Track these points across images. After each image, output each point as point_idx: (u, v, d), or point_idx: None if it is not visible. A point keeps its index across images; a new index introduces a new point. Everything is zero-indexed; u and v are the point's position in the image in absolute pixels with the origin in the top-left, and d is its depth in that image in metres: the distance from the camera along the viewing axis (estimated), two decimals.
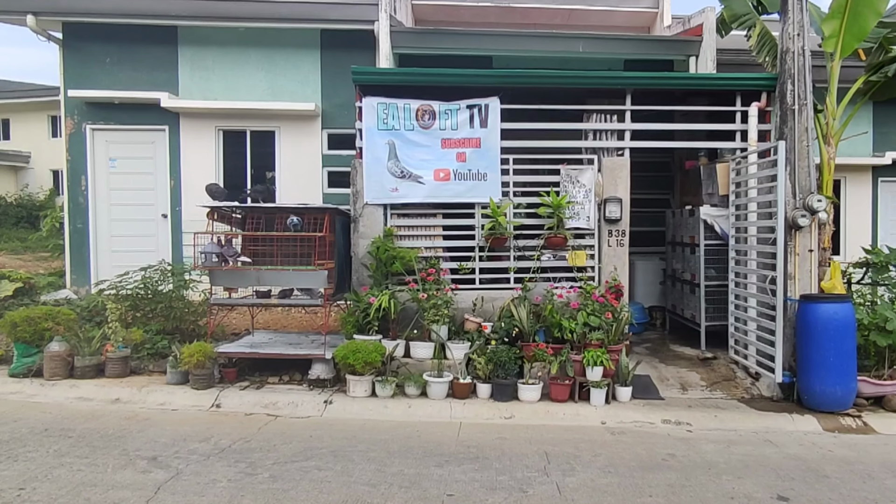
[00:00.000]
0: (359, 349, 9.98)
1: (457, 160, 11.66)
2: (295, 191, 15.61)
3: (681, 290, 14.26)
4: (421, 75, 11.86)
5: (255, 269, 10.95)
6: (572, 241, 11.76)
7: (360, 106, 11.69)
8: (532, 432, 8.87)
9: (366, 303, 10.85)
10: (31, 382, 10.56)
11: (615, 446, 8.40)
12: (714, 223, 12.62)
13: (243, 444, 8.14)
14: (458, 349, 10.63)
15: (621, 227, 11.82)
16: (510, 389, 10.06)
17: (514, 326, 10.84)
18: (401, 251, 11.34)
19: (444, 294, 11.01)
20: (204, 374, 10.28)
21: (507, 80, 11.86)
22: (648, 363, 12.22)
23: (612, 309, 10.79)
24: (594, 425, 9.33)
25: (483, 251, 11.72)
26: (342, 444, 8.18)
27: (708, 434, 9.07)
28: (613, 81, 12.16)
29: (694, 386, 11.14)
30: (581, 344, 10.44)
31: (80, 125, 15.66)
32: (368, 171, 11.63)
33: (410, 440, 8.42)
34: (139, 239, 15.74)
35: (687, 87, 12.60)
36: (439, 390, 10.07)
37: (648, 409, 9.88)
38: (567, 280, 11.72)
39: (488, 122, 11.66)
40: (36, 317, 11.15)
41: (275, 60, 15.70)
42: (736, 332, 11.93)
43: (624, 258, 11.87)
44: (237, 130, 15.80)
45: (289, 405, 9.74)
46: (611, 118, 11.98)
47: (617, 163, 11.91)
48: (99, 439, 8.18)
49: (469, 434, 8.73)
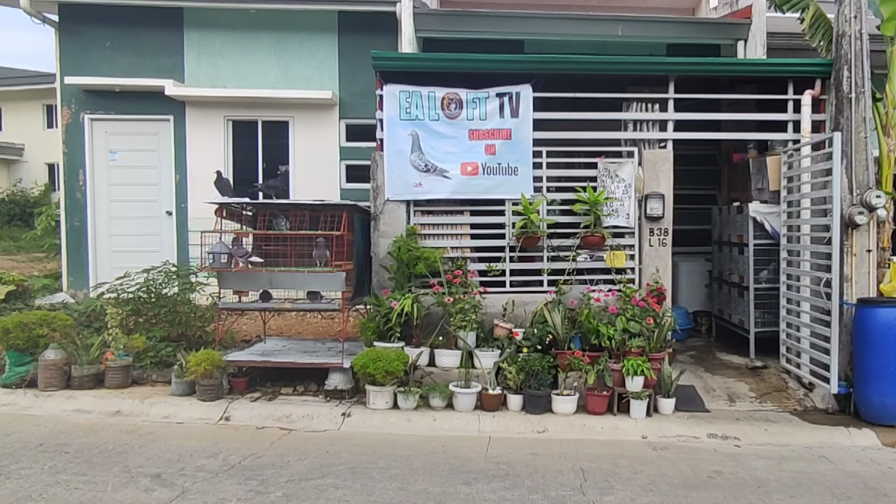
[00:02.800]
0: (379, 357, 9.98)
1: (485, 153, 11.67)
2: (310, 186, 15.59)
3: (728, 293, 14.22)
4: (447, 61, 11.91)
5: (267, 270, 10.95)
6: (610, 241, 11.72)
7: (381, 94, 11.71)
8: (567, 447, 8.88)
9: (387, 307, 10.86)
10: (24, 393, 10.56)
11: (657, 462, 8.40)
12: (764, 221, 12.58)
13: (254, 460, 8.16)
14: (487, 357, 10.64)
15: (663, 226, 11.80)
16: (543, 401, 10.06)
17: (547, 333, 10.78)
18: (425, 251, 11.35)
19: (471, 298, 11.00)
20: (212, 384, 10.29)
21: (541, 65, 11.84)
22: (693, 372, 12.19)
23: (654, 314, 10.81)
24: (634, 440, 9.34)
25: (514, 251, 11.74)
26: (361, 460, 8.20)
27: (757, 449, 9.05)
28: (655, 67, 12.17)
29: (742, 397, 11.13)
30: (620, 352, 10.44)
31: (78, 115, 15.76)
32: (390, 164, 11.66)
33: (435, 456, 8.44)
34: (141, 238, 15.83)
35: (735, 73, 12.58)
36: (466, 402, 10.07)
37: (693, 422, 9.87)
38: (605, 282, 11.69)
39: (520, 112, 11.67)
40: (30, 322, 11.12)
41: (288, 45, 15.75)
42: (788, 339, 11.90)
43: (666, 259, 11.84)
44: (248, 121, 15.89)
45: (303, 418, 9.76)
46: (652, 107, 11.95)
47: (659, 155, 11.88)
48: (98, 455, 8.21)
49: (499, 449, 8.74)
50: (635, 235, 11.86)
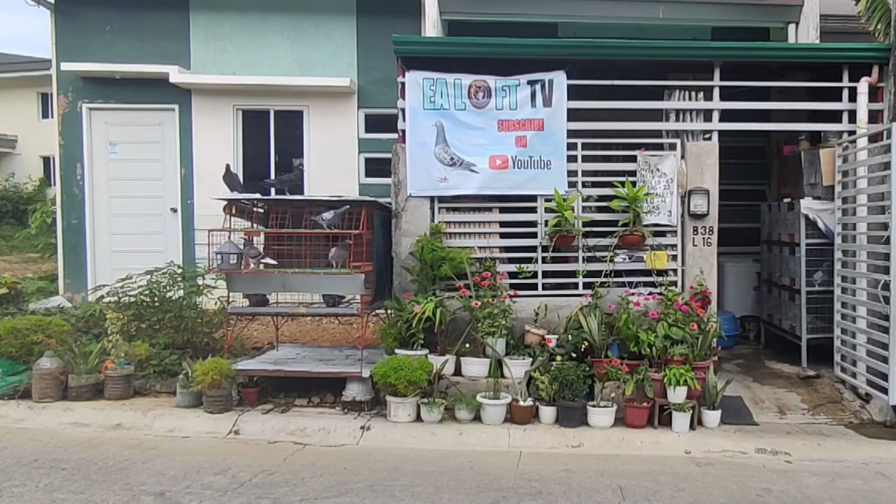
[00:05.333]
0: (401, 366, 9.97)
1: (516, 145, 11.69)
2: (326, 180, 15.56)
3: (778, 296, 14.19)
4: (474, 45, 11.94)
5: (280, 272, 10.94)
6: (651, 240, 11.70)
7: (403, 81, 11.74)
8: (604, 463, 8.89)
9: (409, 312, 10.84)
10: (17, 405, 10.56)
11: (701, 480, 8.41)
12: (817, 218, 12.52)
13: (266, 477, 8.19)
14: (518, 366, 10.62)
15: (708, 224, 11.78)
16: (578, 413, 10.06)
17: (582, 339, 10.78)
18: (450, 251, 11.33)
19: (500, 302, 10.99)
20: (220, 395, 10.29)
21: (576, 50, 11.84)
22: (740, 382, 12.17)
23: (698, 319, 10.78)
24: (677, 455, 9.34)
25: (547, 251, 11.75)
26: (382, 478, 8.22)
27: (810, 465, 9.04)
28: (699, 53, 12.17)
29: (793, 409, 11.12)
30: (661, 360, 10.43)
31: (76, 104, 15.87)
32: (413, 157, 11.68)
33: (462, 472, 8.46)
34: (144, 237, 15.93)
35: (785, 59, 12.55)
36: (495, 414, 10.07)
37: (740, 436, 9.88)
38: (645, 285, 11.69)
39: (553, 101, 11.66)
40: (23, 328, 11.18)
41: (303, 28, 15.80)
42: (843, 347, 11.82)
43: (711, 260, 11.82)
44: (259, 110, 15.98)
45: (319, 432, 9.79)
46: (696, 96, 11.92)
47: (703, 148, 11.87)
48: (97, 472, 8.23)
49: (530, 465, 8.76)
50: (678, 234, 11.87)
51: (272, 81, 15.39)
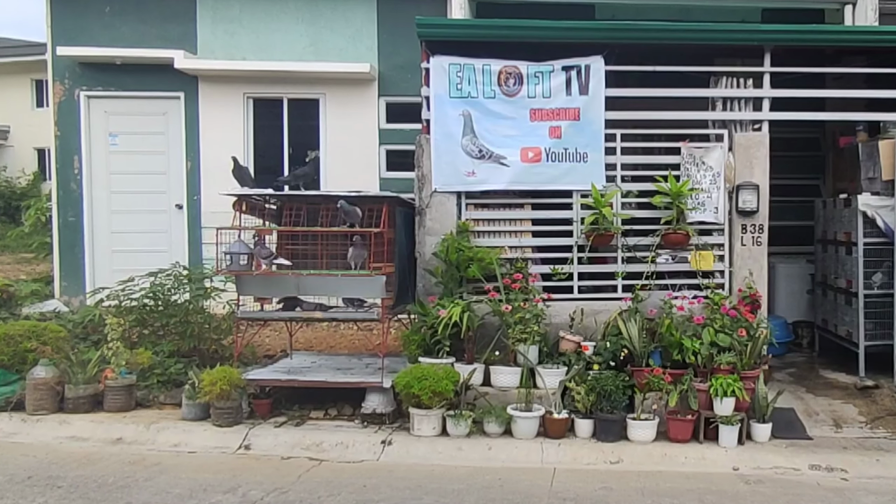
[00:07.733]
0: (425, 375, 9.95)
1: (549, 136, 11.66)
2: (344, 174, 15.55)
3: (833, 300, 14.13)
4: (505, 28, 11.92)
5: (294, 274, 10.94)
6: (696, 239, 11.68)
7: (428, 67, 11.74)
8: (645, 481, 8.90)
9: (434, 317, 10.81)
10: (10, 417, 10.53)
11: (750, 499, 8.41)
12: (876, 216, 12.47)
13: (279, 495, 8.21)
14: (552, 376, 10.59)
15: (758, 222, 11.76)
16: (617, 426, 10.05)
17: (621, 347, 10.76)
18: (478, 251, 11.30)
19: (533, 306, 10.95)
20: (229, 407, 10.28)
21: (615, 34, 11.84)
22: (792, 393, 12.16)
23: (747, 325, 10.73)
24: (724, 472, 9.32)
25: (583, 251, 11.70)
26: (404, 496, 8.25)
27: (868, 483, 9.01)
28: (748, 36, 12.16)
29: (850, 422, 11.09)
30: (707, 369, 10.38)
31: (73, 91, 15.91)
32: (438, 149, 11.67)
33: (491, 491, 8.47)
34: (147, 236, 15.98)
35: (842, 43, 12.52)
36: (527, 427, 10.06)
37: (792, 451, 9.83)
38: (689, 288, 11.65)
39: (589, 89, 11.64)
40: (16, 334, 11.18)
41: (319, 10, 15.81)
42: None
43: (761, 260, 11.80)
44: (271, 98, 16.02)
45: (337, 446, 9.79)
46: (745, 83, 11.87)
47: (753, 139, 11.84)
48: (96, 490, 8.25)
49: (565, 483, 8.76)
50: (725, 233, 11.84)
51: (285, 67, 15.41)
